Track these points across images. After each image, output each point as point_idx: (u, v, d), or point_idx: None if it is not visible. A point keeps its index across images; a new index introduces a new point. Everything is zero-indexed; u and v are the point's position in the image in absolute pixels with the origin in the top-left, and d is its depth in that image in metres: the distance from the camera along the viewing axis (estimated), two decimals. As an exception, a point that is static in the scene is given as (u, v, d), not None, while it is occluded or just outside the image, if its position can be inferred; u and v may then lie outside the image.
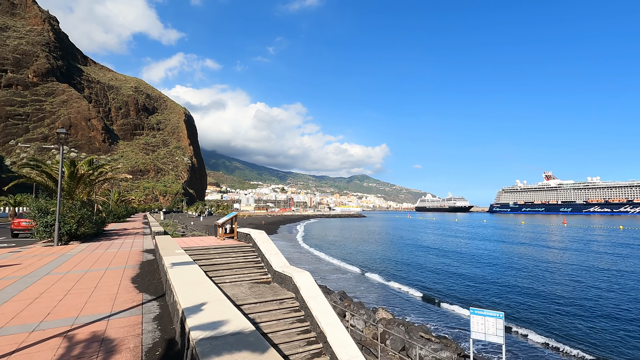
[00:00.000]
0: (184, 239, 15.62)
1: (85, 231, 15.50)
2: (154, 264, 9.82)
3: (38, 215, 14.35)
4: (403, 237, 55.73)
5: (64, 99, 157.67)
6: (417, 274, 25.34)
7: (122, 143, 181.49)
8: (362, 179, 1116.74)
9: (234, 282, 11.06)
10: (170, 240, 12.30)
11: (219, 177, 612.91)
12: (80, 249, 13.18)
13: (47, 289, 6.72)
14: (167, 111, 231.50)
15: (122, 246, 14.34)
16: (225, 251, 12.90)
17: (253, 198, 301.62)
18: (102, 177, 18.75)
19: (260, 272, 11.85)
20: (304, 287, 9.64)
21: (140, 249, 13.66)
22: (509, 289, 20.62)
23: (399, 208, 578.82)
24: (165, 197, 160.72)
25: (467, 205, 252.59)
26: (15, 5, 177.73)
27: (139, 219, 45.84)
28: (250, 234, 13.62)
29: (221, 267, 11.72)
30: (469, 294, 20.04)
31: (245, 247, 13.47)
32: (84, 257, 11.21)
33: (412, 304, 18.95)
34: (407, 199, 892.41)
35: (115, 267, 9.27)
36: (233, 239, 15.24)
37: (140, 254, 11.99)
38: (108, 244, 15.19)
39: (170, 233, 21.69)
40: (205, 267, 11.16)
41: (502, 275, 24.14)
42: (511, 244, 42.95)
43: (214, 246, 13.27)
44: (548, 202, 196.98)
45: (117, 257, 11.34)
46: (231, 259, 12.33)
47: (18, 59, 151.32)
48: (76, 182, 16.05)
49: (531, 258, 31.18)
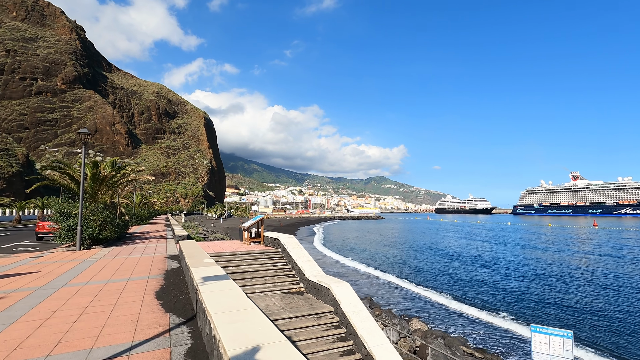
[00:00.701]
0: (208, 244, 14.78)
1: (108, 235, 14.97)
2: (179, 274, 8.89)
3: (60, 218, 13.89)
4: (425, 240, 53.48)
5: (90, 104, 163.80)
6: (443, 281, 23.63)
7: (145, 147, 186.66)
8: (379, 181, 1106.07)
9: (264, 292, 10.00)
10: (195, 246, 11.39)
11: (237, 180, 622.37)
12: (102, 255, 12.53)
13: (61, 305, 5.82)
14: (188, 115, 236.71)
15: (145, 251, 13.63)
16: (253, 257, 11.89)
17: (271, 200, 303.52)
18: (124, 178, 18.27)
19: (291, 281, 10.73)
20: (344, 301, 8.42)
21: (164, 254, 12.86)
22: (544, 299, 18.61)
23: (417, 210, 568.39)
24: (186, 200, 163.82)
25: (489, 207, 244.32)
26: (45, 16, 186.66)
27: (161, 222, 46.05)
28: (279, 239, 12.56)
29: (250, 275, 10.69)
30: (504, 303, 18.27)
31: (274, 253, 12.41)
32: (105, 264, 10.46)
33: (443, 313, 17.45)
34: (425, 200, 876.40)
35: (137, 277, 8.38)
36: (259, 244, 14.23)
37: (164, 261, 11.15)
38: (130, 248, 14.55)
39: (192, 236, 20.99)
40: (233, 276, 10.17)
41: (535, 284, 22.04)
42: (542, 249, 39.85)
43: (241, 252, 12.27)
44: (575, 204, 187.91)
45: (139, 264, 10.52)
46: (260, 266, 11.30)
47: (47, 67, 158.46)
48: (99, 184, 15.55)
49: (569, 265, 28.51)
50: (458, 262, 30.95)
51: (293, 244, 11.99)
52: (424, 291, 21.04)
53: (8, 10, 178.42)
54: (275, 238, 13.13)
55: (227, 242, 16.14)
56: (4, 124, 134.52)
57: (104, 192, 16.46)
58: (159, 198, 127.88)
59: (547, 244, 44.48)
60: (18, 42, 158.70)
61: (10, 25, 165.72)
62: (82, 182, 12.54)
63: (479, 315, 16.81)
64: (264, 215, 14.45)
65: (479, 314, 17.07)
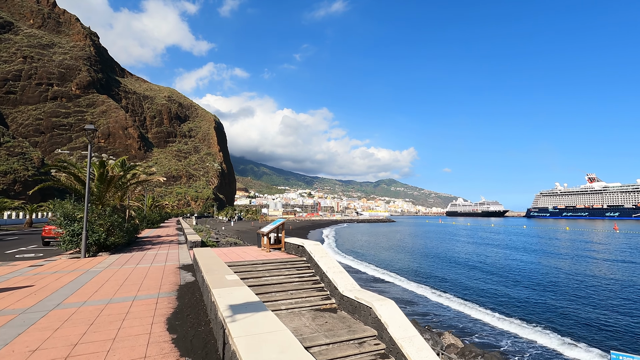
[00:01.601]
0: (224, 251, 13.42)
1: (116, 241, 13.83)
2: (195, 292, 7.51)
3: (64, 222, 12.77)
4: (440, 244, 51.24)
5: (103, 109, 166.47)
6: (468, 290, 21.69)
7: (157, 150, 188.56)
8: (389, 183, 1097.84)
9: (291, 309, 8.54)
10: (211, 255, 10.00)
11: (247, 183, 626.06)
12: (108, 264, 11.33)
13: (44, 340, 4.45)
14: (198, 119, 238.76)
15: (155, 259, 12.41)
16: (275, 267, 10.47)
17: (281, 203, 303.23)
18: (134, 179, 17.10)
19: (321, 296, 9.26)
20: (393, 324, 6.86)
21: (176, 263, 11.60)
22: (594, 316, 16.59)
23: (428, 213, 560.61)
24: (196, 202, 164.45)
25: (502, 209, 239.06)
26: (60, 23, 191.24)
27: (173, 225, 45.21)
28: (305, 246, 11.09)
29: (273, 288, 9.27)
30: (538, 316, 16.38)
31: (299, 262, 10.96)
32: (110, 276, 9.19)
33: (473, 325, 15.70)
34: (436, 203, 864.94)
35: (145, 294, 7.05)
36: (280, 251, 12.81)
37: (176, 273, 9.84)
38: (140, 256, 13.34)
39: (204, 240, 19.72)
40: (254, 289, 8.74)
41: (571, 296, 19.94)
42: (568, 257, 37.23)
43: (262, 260, 10.87)
44: (592, 206, 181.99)
45: (148, 276, 9.23)
46: (284, 278, 9.86)
47: (63, 73, 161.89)
48: (106, 185, 14.33)
49: (604, 276, 26.06)
50: (481, 271, 28.88)
51: (320, 252, 10.52)
52: (448, 301, 19.28)
53: (25, 18, 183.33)
54: (299, 245, 11.67)
55: (244, 248, 14.78)
56: (21, 128, 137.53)
57: (112, 193, 15.27)
58: (170, 201, 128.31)
59: (572, 250, 41.77)
60: (35, 49, 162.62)
61: (28, 33, 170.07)
62: (87, 183, 11.36)
63: (518, 332, 15.00)
64: (285, 218, 13.02)
65: (516, 328, 15.27)
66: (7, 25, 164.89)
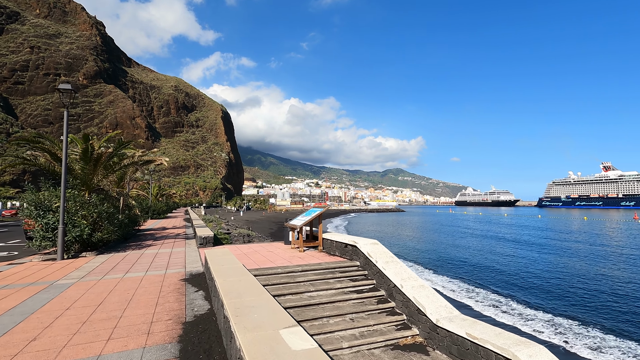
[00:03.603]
0: (243, 249, 10.49)
1: (104, 237, 11.04)
2: (211, 339, 4.50)
3: (35, 213, 10.06)
4: (460, 234, 47.56)
5: (110, 99, 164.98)
6: (516, 288, 18.14)
7: (164, 140, 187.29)
8: (396, 173, 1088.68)
9: (357, 347, 5.57)
10: (231, 260, 6.99)
11: (254, 173, 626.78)
12: (87, 271, 8.49)
13: None
14: (205, 108, 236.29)
15: (153, 263, 9.54)
16: (319, 276, 7.44)
17: (288, 193, 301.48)
18: (127, 160, 14.21)
19: (395, 323, 6.28)
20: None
21: (181, 271, 8.63)
22: None
23: (436, 202, 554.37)
24: (205, 192, 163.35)
25: (512, 199, 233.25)
26: (66, 12, 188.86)
27: (180, 215, 42.82)
28: (358, 246, 8.05)
29: (323, 310, 6.25)
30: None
31: (350, 269, 7.94)
32: (81, 295, 6.37)
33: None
34: (444, 192, 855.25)
35: (120, 348, 4.16)
36: (317, 250, 9.81)
37: (179, 291, 6.77)
38: (134, 257, 10.51)
39: (217, 233, 16.86)
40: (297, 312, 5.77)
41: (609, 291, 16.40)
42: (599, 253, 33.39)
43: (299, 266, 7.86)
44: (606, 196, 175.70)
45: (136, 300, 6.19)
46: (336, 294, 6.85)
47: (70, 62, 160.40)
48: (93, 166, 11.35)
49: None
50: (538, 276, 25.47)
51: (384, 254, 7.45)
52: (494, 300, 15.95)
53: (32, 8, 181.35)
54: (348, 244, 8.60)
55: (268, 245, 11.81)
56: (30, 119, 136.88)
57: (101, 177, 12.25)
58: (178, 190, 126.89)
59: (598, 243, 37.76)
60: (41, 39, 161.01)
61: (34, 23, 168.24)
62: (64, 159, 8.51)
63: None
64: (323, 208, 10.00)
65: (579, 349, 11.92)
66: (14, 15, 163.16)
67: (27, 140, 11.10)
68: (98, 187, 12.71)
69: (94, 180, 11.68)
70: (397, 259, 7.23)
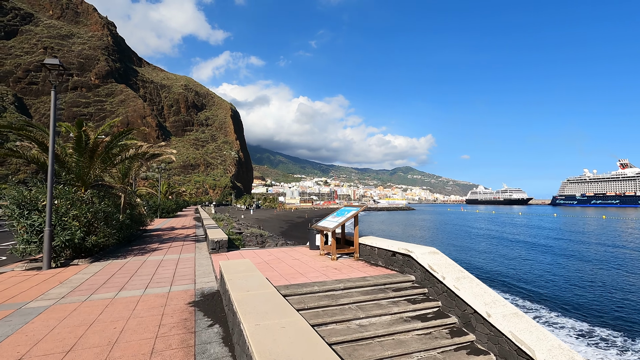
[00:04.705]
0: (264, 256, 8.95)
1: (100, 241, 9.40)
2: None
3: (18, 212, 8.52)
4: (481, 237, 45.28)
5: (122, 98, 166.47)
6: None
7: (174, 139, 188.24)
8: (406, 171, 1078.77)
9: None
10: (258, 281, 5.17)
11: (263, 171, 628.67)
12: (73, 286, 6.87)
13: None
14: (215, 107, 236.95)
15: (155, 276, 7.85)
16: (366, 296, 5.84)
17: (297, 191, 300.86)
18: (133, 150, 12.25)
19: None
20: None
21: (190, 289, 6.76)
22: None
23: (446, 201, 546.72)
24: (214, 191, 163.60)
25: (525, 197, 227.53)
26: (78, 13, 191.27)
27: (190, 214, 41.82)
28: (413, 256, 6.33)
29: (379, 346, 4.74)
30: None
31: (403, 284, 6.24)
32: (50, 330, 4.62)
33: None
34: (454, 191, 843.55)
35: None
36: (354, 258, 8.19)
37: (187, 324, 4.92)
38: (134, 266, 8.89)
39: (229, 233, 15.40)
40: (342, 349, 4.12)
41: None
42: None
43: (341, 284, 6.18)
44: (624, 194, 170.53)
45: (124, 337, 4.39)
46: (391, 321, 5.22)
47: (82, 63, 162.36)
48: (89, 157, 9.83)
49: None
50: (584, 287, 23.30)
51: (450, 268, 5.78)
52: None
53: (45, 9, 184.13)
54: (399, 252, 6.87)
55: (289, 250, 10.19)
56: (44, 118, 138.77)
57: (99, 171, 10.64)
58: (188, 189, 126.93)
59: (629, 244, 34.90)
60: (54, 40, 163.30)
61: (47, 24, 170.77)
62: (51, 149, 7.06)
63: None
64: (360, 207, 8.30)
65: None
66: (28, 16, 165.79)
67: (11, 127, 9.59)
68: (96, 182, 11.25)
69: (91, 175, 10.16)
70: (469, 274, 5.55)
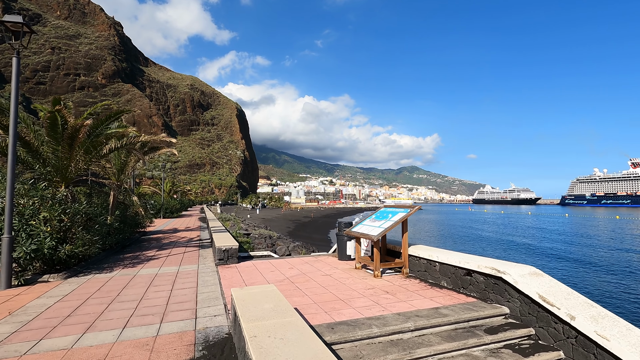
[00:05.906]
0: (281, 268, 7.02)
1: (78, 251, 7.02)
2: None
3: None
4: (500, 242, 42.96)
5: (128, 98, 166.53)
6: None
7: (180, 138, 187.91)
8: (411, 171, 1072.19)
9: None
10: (296, 334, 2.58)
11: (269, 171, 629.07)
12: (19, 324, 4.11)
13: None
14: (221, 107, 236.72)
15: (142, 303, 5.07)
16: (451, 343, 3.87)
17: (303, 191, 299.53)
18: (126, 139, 9.83)
19: None
20: None
21: (188, 331, 3.91)
22: None
23: (452, 200, 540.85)
24: (220, 190, 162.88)
25: (533, 197, 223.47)
26: (85, 14, 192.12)
27: (196, 214, 40.33)
28: (507, 279, 4.38)
29: None
30: None
31: (494, 321, 4.32)
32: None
33: None
34: (460, 190, 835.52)
35: None
36: (402, 274, 6.30)
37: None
38: (118, 285, 6.32)
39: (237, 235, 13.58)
40: None
41: None
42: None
43: (411, 323, 4.09)
44: (635, 194, 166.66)
45: None
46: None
47: (89, 63, 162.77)
48: (67, 147, 7.92)
49: None
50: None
51: (572, 298, 3.80)
52: None
53: (52, 10, 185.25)
54: (481, 272, 4.88)
55: (313, 261, 8.10)
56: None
57: (82, 163, 8.47)
58: (194, 188, 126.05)
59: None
60: (62, 40, 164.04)
61: (55, 24, 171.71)
62: (11, 131, 5.25)
63: None
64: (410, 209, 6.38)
65: None
66: (35, 17, 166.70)
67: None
68: (80, 177, 9.41)
69: (72, 168, 8.11)
70: (607, 311, 3.67)
